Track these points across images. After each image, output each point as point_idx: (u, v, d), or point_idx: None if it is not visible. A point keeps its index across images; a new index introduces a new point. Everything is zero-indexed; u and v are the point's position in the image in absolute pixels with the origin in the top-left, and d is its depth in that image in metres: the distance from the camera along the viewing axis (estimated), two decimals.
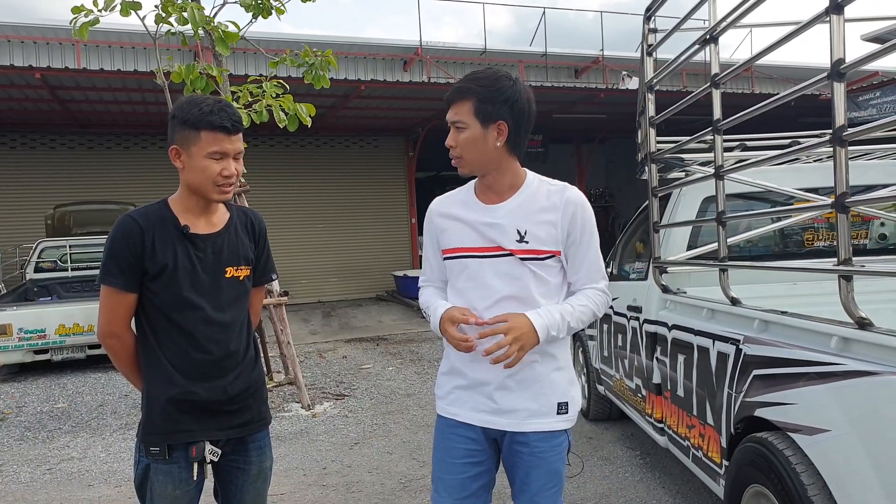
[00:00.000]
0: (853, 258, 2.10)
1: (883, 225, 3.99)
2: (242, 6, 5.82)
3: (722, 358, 2.80)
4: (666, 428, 3.60)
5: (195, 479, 2.08)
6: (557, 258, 2.02)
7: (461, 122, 1.97)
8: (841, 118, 2.02)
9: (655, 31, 3.72)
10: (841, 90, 2.02)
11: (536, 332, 1.90)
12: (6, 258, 12.57)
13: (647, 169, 3.77)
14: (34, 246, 10.53)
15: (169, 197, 2.11)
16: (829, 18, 2.01)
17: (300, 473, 4.64)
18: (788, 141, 3.97)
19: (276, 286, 6.81)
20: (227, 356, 2.08)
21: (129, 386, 7.62)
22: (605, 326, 4.79)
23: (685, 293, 3.55)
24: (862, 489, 1.89)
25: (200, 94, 5.73)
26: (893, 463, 1.81)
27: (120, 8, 5.17)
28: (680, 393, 3.32)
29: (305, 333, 11.30)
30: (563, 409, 2.03)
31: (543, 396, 2.01)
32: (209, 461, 2.09)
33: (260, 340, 7.42)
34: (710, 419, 2.94)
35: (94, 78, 11.32)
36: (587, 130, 17.45)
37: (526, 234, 1.98)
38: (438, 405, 2.14)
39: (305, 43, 6.23)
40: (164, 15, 5.40)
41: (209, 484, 2.18)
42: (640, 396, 3.99)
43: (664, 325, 3.55)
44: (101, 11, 5.13)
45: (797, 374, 2.21)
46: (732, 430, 2.66)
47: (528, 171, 2.10)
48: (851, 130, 2.00)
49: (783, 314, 2.50)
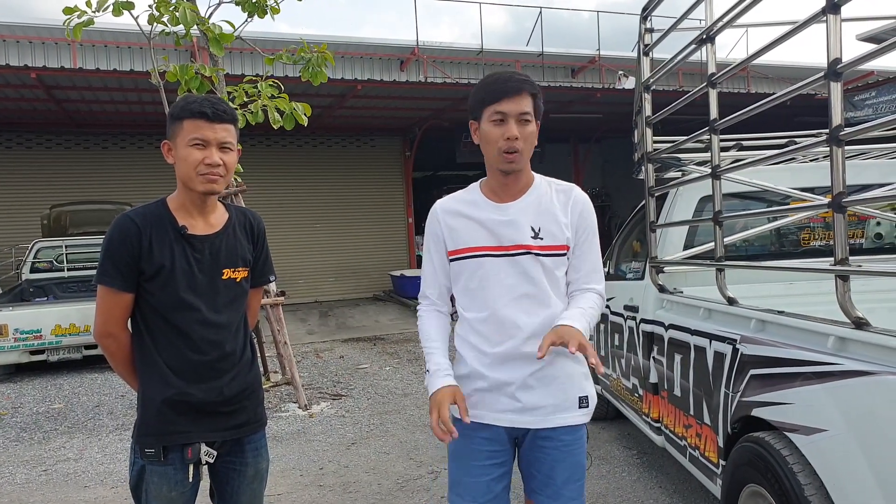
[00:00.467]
0: (849, 258, 2.11)
1: (879, 224, 4.00)
2: (238, 5, 5.82)
3: (719, 357, 2.80)
4: (663, 427, 3.60)
5: (191, 480, 2.07)
6: (566, 255, 2.04)
7: (528, 114, 1.94)
8: (837, 118, 2.02)
9: (652, 30, 3.72)
10: (837, 90, 2.02)
11: (578, 329, 1.89)
12: (2, 258, 12.53)
13: (643, 168, 3.77)
14: (30, 246, 10.50)
15: (167, 196, 2.09)
16: (825, 18, 2.01)
17: (297, 474, 4.64)
18: (785, 140, 3.97)
19: (272, 286, 6.80)
20: (223, 357, 2.07)
21: (125, 386, 7.60)
22: (601, 326, 4.79)
23: (682, 293, 3.55)
24: (859, 489, 1.89)
25: (195, 93, 5.73)
26: (890, 462, 1.81)
27: (112, 8, 5.15)
28: (677, 392, 3.32)
29: (302, 333, 11.29)
30: (583, 402, 2.05)
31: (564, 392, 2.02)
32: (204, 462, 2.08)
33: (257, 340, 7.42)
34: (706, 419, 2.94)
35: (90, 78, 11.30)
36: (584, 130, 17.45)
37: (540, 230, 1.99)
38: (455, 408, 2.06)
39: (303, 41, 6.20)
40: (156, 15, 5.38)
41: (205, 484, 2.17)
42: (636, 396, 3.99)
43: (661, 324, 3.54)
44: (94, 12, 5.12)
45: (794, 373, 2.21)
46: (729, 429, 2.66)
47: (533, 171, 2.12)
48: (848, 130, 2.00)
49: (780, 314, 2.50)
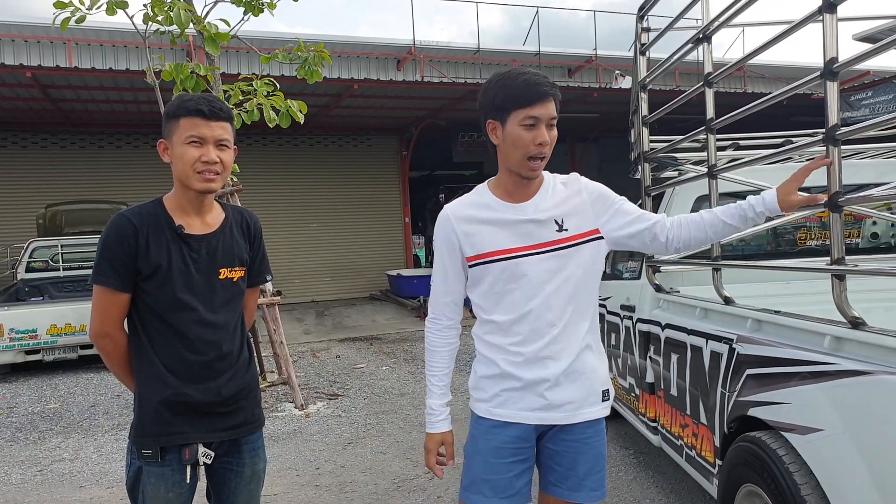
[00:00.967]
0: (846, 257, 2.11)
1: (875, 224, 4.01)
2: (234, 3, 5.80)
3: (715, 357, 2.80)
4: (659, 427, 3.60)
5: (188, 481, 2.05)
6: (598, 239, 2.03)
7: (555, 118, 1.93)
8: (834, 117, 2.02)
9: (648, 30, 3.73)
10: (834, 89, 2.02)
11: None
12: None
13: (640, 168, 3.77)
14: (25, 245, 10.48)
15: (163, 196, 2.08)
16: (821, 17, 2.01)
17: (293, 474, 4.63)
18: (781, 140, 3.98)
19: (269, 286, 6.79)
20: (220, 357, 2.06)
21: (121, 386, 7.59)
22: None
23: (678, 292, 3.56)
24: (855, 488, 1.89)
25: (191, 92, 5.72)
26: (886, 462, 1.81)
27: (106, 7, 5.13)
28: (673, 392, 3.32)
29: (299, 333, 11.28)
30: (606, 396, 2.09)
31: (590, 386, 2.04)
32: (202, 463, 2.07)
33: (253, 340, 7.41)
34: (703, 418, 2.94)
35: (85, 77, 11.26)
36: (580, 130, 17.45)
37: (563, 221, 1.99)
38: (480, 408, 2.08)
39: (299, 40, 6.19)
40: (151, 14, 5.37)
41: (201, 485, 2.16)
42: (633, 396, 3.99)
43: (657, 324, 3.55)
44: (87, 9, 5.10)
45: (790, 373, 2.21)
46: (726, 429, 2.66)
47: None
48: (844, 130, 2.00)
49: (776, 313, 2.50)
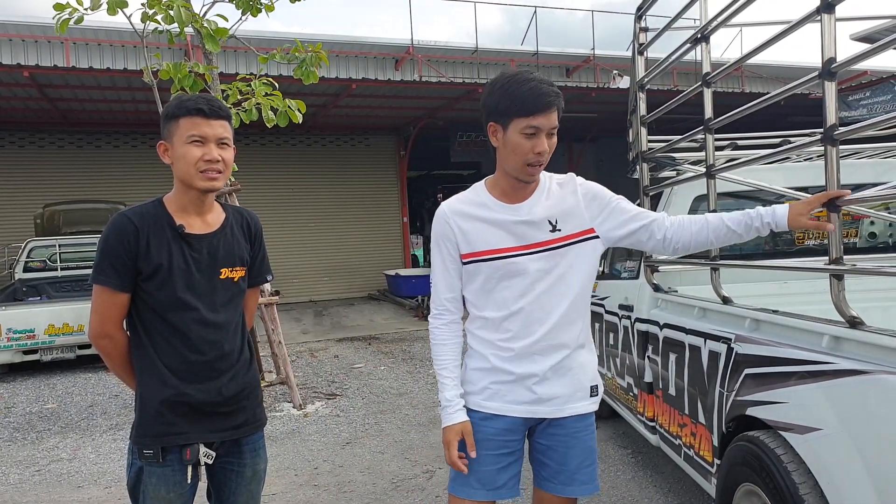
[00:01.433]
0: (844, 257, 2.11)
1: (873, 223, 4.01)
2: (233, 3, 5.80)
3: (713, 357, 2.80)
4: (658, 427, 3.60)
5: (189, 481, 2.05)
6: (594, 239, 2.07)
7: (556, 127, 1.96)
8: (832, 117, 2.02)
9: (646, 30, 3.73)
10: (832, 89, 2.02)
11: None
12: None
13: (638, 168, 3.77)
14: (23, 245, 10.46)
15: (164, 196, 2.08)
16: (819, 17, 2.01)
17: (291, 473, 4.63)
18: (779, 140, 3.98)
19: (267, 285, 6.77)
20: (221, 357, 2.06)
21: (119, 386, 7.58)
22: (596, 325, 4.79)
23: (676, 292, 3.56)
24: (853, 487, 1.90)
25: (189, 92, 5.71)
26: (884, 461, 1.81)
27: (107, 7, 5.13)
28: (671, 392, 3.32)
29: (297, 333, 11.27)
30: (594, 391, 2.13)
31: (578, 382, 2.09)
32: (203, 464, 2.07)
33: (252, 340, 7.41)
34: (701, 418, 2.94)
35: (83, 76, 11.24)
36: (578, 129, 17.45)
37: (557, 222, 2.04)
38: (471, 400, 2.10)
39: (297, 40, 6.19)
40: (149, 13, 5.36)
41: (202, 485, 2.16)
42: (631, 395, 3.99)
43: (655, 323, 3.55)
44: (86, 10, 5.09)
45: (789, 372, 2.21)
46: (724, 428, 2.66)
47: None
48: (842, 129, 2.01)
49: (774, 313, 2.50)
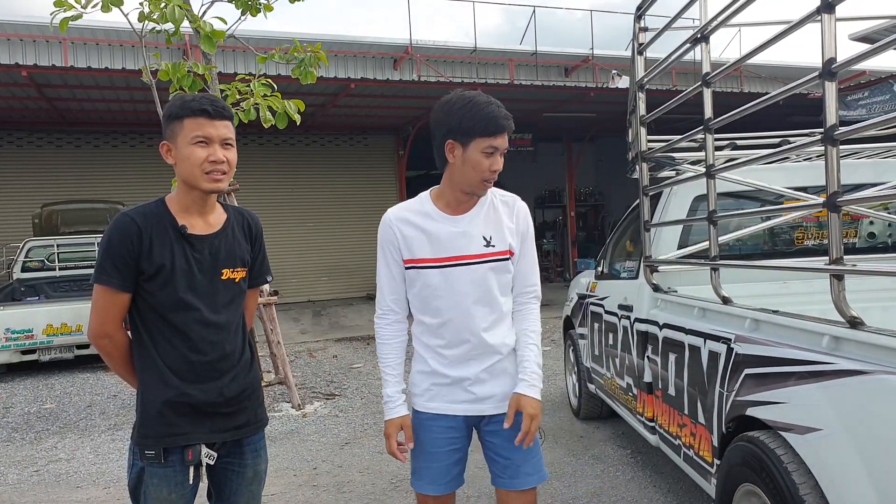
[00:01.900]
0: (844, 257, 2.11)
1: (872, 224, 4.01)
2: (231, 2, 5.79)
3: (713, 357, 2.80)
4: (657, 427, 3.60)
5: (191, 482, 2.05)
6: (513, 259, 2.24)
7: (507, 149, 2.13)
8: (832, 117, 2.02)
9: (646, 30, 3.72)
10: (832, 89, 2.02)
11: (537, 399, 2.18)
12: None
13: (638, 168, 3.77)
14: (21, 245, 10.45)
15: (166, 196, 2.08)
16: (820, 17, 2.01)
17: (291, 474, 4.62)
18: (778, 140, 3.98)
19: (266, 285, 6.76)
20: (222, 358, 2.06)
21: (117, 386, 7.57)
22: (595, 325, 4.79)
23: (676, 292, 3.56)
24: (853, 488, 1.89)
25: (188, 92, 5.70)
26: (884, 462, 1.81)
27: (101, 5, 5.11)
28: (671, 392, 3.32)
29: (295, 333, 11.27)
30: None
31: (512, 380, 2.24)
32: (205, 464, 2.06)
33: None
34: (701, 418, 2.94)
35: (81, 76, 11.22)
36: (577, 129, 17.46)
37: (491, 238, 2.20)
38: (416, 402, 2.28)
39: (296, 40, 6.18)
40: (146, 12, 5.35)
41: (202, 485, 2.16)
42: (631, 395, 3.99)
43: (655, 323, 3.55)
44: (83, 7, 5.08)
45: (789, 373, 2.21)
46: (724, 428, 2.66)
47: None
48: (843, 130, 2.00)
49: (775, 313, 2.50)
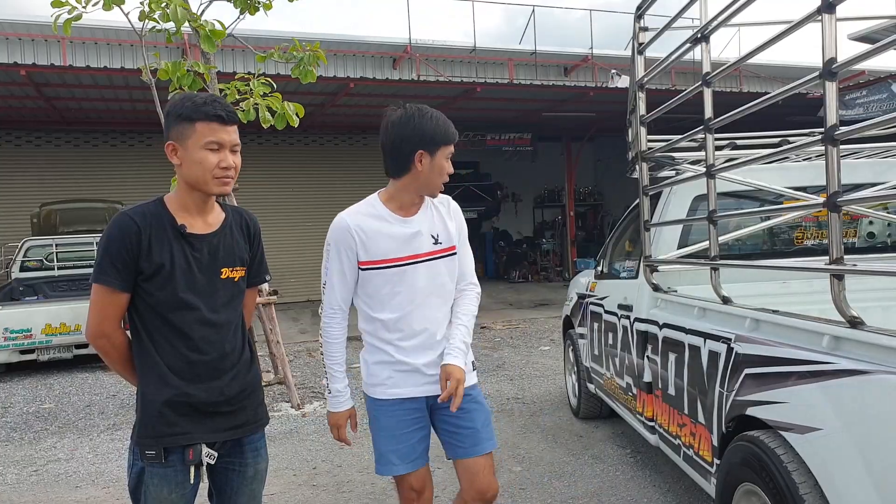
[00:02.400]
0: (844, 257, 2.11)
1: (871, 223, 4.01)
2: (230, 1, 5.78)
3: (713, 356, 2.80)
4: (657, 426, 3.60)
5: (192, 482, 2.05)
6: (455, 254, 2.51)
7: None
8: (832, 117, 2.02)
9: (646, 29, 3.72)
10: (833, 89, 2.02)
11: (459, 366, 2.40)
12: None
13: (638, 167, 3.77)
14: (20, 245, 10.43)
15: (165, 195, 2.08)
16: (820, 18, 2.01)
17: (290, 473, 4.62)
18: (778, 140, 3.98)
19: (265, 285, 6.75)
20: (222, 357, 2.06)
21: (116, 386, 7.56)
22: (595, 325, 4.79)
23: (676, 292, 3.55)
24: (853, 487, 1.90)
25: (188, 91, 5.70)
26: (884, 461, 1.81)
27: (102, 3, 5.11)
28: (671, 391, 3.32)
29: (295, 332, 11.26)
30: (474, 366, 2.58)
31: (463, 359, 2.45)
32: (205, 464, 2.06)
33: None
34: (701, 418, 2.94)
35: (80, 75, 11.20)
36: (576, 129, 17.46)
37: (438, 236, 2.46)
38: (376, 391, 2.47)
39: (295, 39, 6.17)
40: (147, 11, 5.34)
41: (203, 485, 2.15)
42: (630, 395, 3.99)
43: (655, 323, 3.55)
44: (83, 7, 5.07)
45: (789, 372, 2.21)
46: (724, 428, 2.67)
47: None
48: (843, 129, 2.00)
49: (775, 313, 2.50)
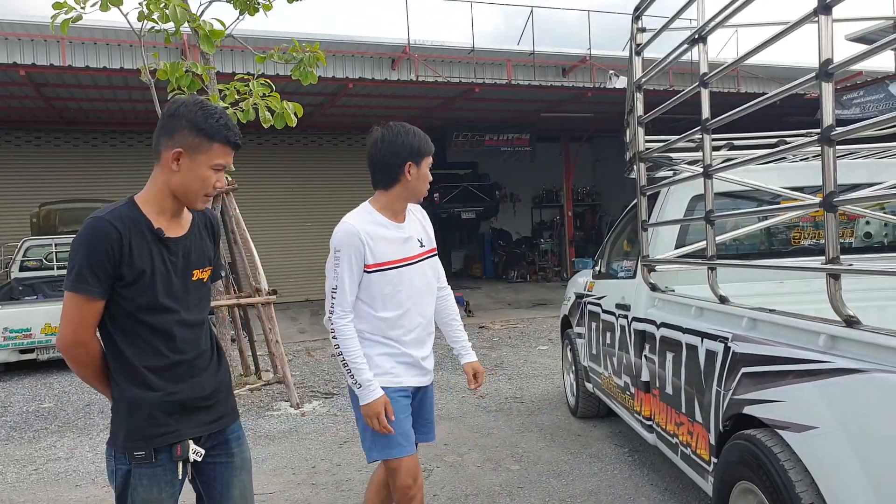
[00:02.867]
0: (840, 257, 2.12)
1: (868, 223, 4.03)
2: (230, 2, 5.79)
3: (710, 356, 2.81)
4: (654, 425, 3.62)
5: (179, 478, 2.07)
6: (437, 253, 2.84)
7: None
8: (829, 118, 2.03)
9: (644, 30, 3.73)
10: (829, 90, 2.03)
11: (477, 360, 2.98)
12: None
13: (635, 168, 3.79)
14: (19, 244, 10.44)
15: (135, 196, 2.03)
16: (817, 19, 2.03)
17: (289, 472, 4.63)
18: (775, 140, 3.99)
19: (264, 284, 6.78)
20: (199, 355, 2.11)
21: None
22: (593, 324, 4.81)
23: (673, 291, 3.57)
24: (849, 485, 1.91)
25: (186, 91, 5.71)
26: (880, 459, 1.83)
27: (99, 4, 5.12)
28: (668, 390, 3.34)
29: (294, 332, 11.27)
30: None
31: (433, 359, 2.87)
32: (192, 461, 2.08)
33: (248, 339, 7.41)
34: (698, 416, 2.95)
35: (79, 75, 11.21)
36: (574, 129, 17.47)
37: (422, 240, 2.76)
38: (382, 380, 2.64)
39: (294, 40, 6.18)
40: (146, 12, 5.35)
41: (193, 495, 2.19)
42: (628, 394, 4.00)
43: (652, 322, 3.56)
44: (82, 7, 5.08)
45: (785, 371, 2.23)
46: (721, 427, 2.68)
47: None
48: (840, 130, 2.02)
49: (772, 312, 2.51)
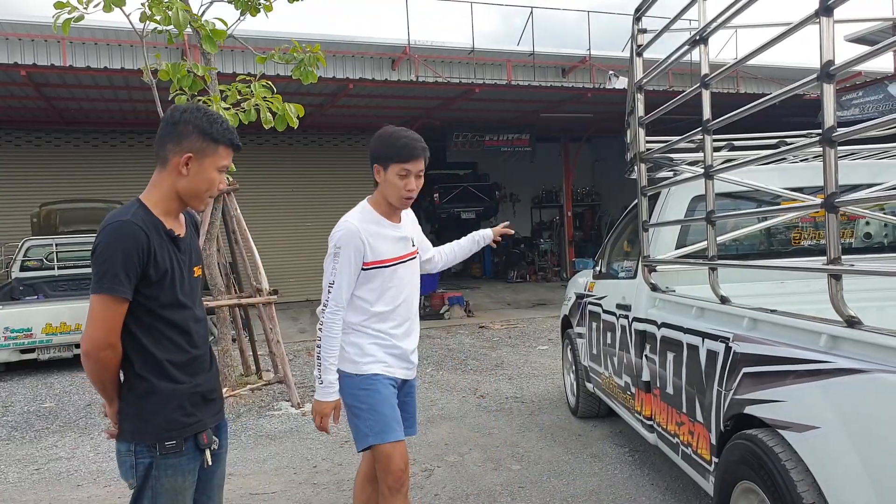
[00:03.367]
0: (841, 257, 2.13)
1: (868, 224, 4.04)
2: (231, 3, 5.80)
3: (711, 356, 2.82)
4: (655, 425, 3.62)
5: (204, 465, 2.15)
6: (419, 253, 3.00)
7: (423, 171, 2.77)
8: (830, 119, 2.04)
9: (645, 31, 3.74)
10: (830, 91, 2.04)
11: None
12: None
13: (636, 168, 3.79)
14: (20, 244, 10.43)
15: (140, 197, 2.07)
16: (818, 20, 2.03)
17: (290, 472, 4.64)
18: (776, 141, 4.00)
19: (265, 284, 6.79)
20: (208, 350, 2.23)
21: None
22: (593, 324, 4.81)
23: (674, 291, 3.57)
24: (851, 485, 1.92)
25: (188, 91, 5.72)
26: (881, 459, 1.83)
27: (102, 4, 5.13)
28: (669, 390, 3.34)
29: (294, 332, 11.28)
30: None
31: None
32: (212, 449, 2.18)
33: (249, 339, 7.42)
34: (699, 416, 2.96)
35: (80, 75, 11.21)
36: (574, 129, 17.48)
37: (413, 240, 2.92)
38: (375, 367, 2.77)
39: (294, 40, 6.20)
40: (148, 14, 5.36)
41: None
42: (629, 394, 4.01)
43: (653, 323, 3.57)
44: (84, 7, 5.09)
45: (787, 371, 2.23)
46: (722, 427, 2.69)
47: None
48: (841, 131, 2.02)
49: (772, 312, 2.52)
